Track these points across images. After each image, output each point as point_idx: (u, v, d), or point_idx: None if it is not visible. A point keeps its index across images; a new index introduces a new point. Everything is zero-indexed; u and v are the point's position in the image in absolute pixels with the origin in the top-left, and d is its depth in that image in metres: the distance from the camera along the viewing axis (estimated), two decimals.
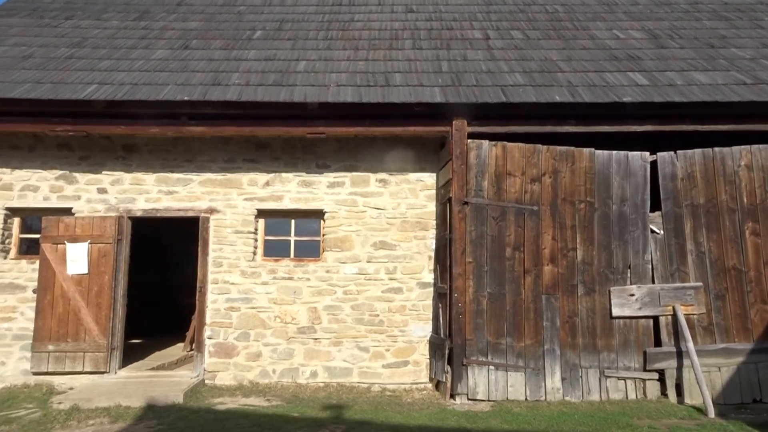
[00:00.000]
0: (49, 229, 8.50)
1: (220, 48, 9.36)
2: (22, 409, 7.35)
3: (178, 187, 8.86)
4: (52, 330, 8.37)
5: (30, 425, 6.71)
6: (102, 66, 8.65)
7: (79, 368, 8.35)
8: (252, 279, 8.72)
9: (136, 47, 9.28)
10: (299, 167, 8.95)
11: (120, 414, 7.00)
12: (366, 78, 8.47)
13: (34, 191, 8.78)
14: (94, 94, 7.91)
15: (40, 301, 8.42)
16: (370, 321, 8.66)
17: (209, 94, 8.00)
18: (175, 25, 10.15)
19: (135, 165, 8.85)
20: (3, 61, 8.63)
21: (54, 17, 10.21)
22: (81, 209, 8.75)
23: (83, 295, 8.44)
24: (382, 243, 8.82)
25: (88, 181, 8.81)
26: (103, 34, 9.70)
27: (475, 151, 8.09)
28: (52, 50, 9.06)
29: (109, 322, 8.45)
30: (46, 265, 8.47)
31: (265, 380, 8.47)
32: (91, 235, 8.51)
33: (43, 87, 8.04)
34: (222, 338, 8.58)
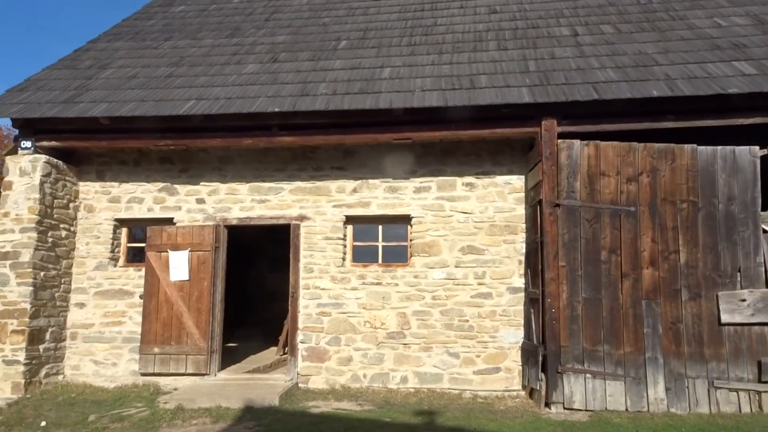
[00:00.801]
0: (153, 238, 9.03)
1: (307, 59, 9.60)
2: (132, 407, 7.80)
3: (270, 195, 9.16)
4: (157, 333, 8.86)
5: (140, 423, 7.12)
6: (198, 82, 9.10)
7: (182, 370, 8.78)
8: (342, 284, 8.86)
9: (229, 63, 9.69)
10: (386, 173, 9.01)
11: (220, 415, 7.28)
12: (451, 81, 8.42)
13: (140, 203, 9.35)
14: (192, 109, 8.34)
15: (146, 306, 8.94)
16: (460, 326, 8.56)
17: (298, 105, 8.23)
18: (264, 39, 10.53)
19: (230, 175, 9.24)
20: (111, 82, 9.27)
21: (154, 39, 10.87)
22: (181, 219, 9.23)
23: (185, 301, 8.89)
24: (470, 247, 8.71)
25: (188, 192, 9.28)
26: (199, 52, 10.21)
27: (566, 151, 7.83)
28: (154, 70, 9.64)
29: (209, 326, 8.84)
30: (151, 272, 8.99)
31: (356, 385, 8.56)
32: (191, 243, 8.96)
33: (146, 104, 8.57)
34: (314, 343, 8.76)
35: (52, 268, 8.82)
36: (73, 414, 7.51)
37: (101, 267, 9.25)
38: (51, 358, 8.79)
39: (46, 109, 8.63)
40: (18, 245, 8.44)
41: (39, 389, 8.47)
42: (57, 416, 7.42)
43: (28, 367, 8.31)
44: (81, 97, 8.88)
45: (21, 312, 8.32)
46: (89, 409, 7.71)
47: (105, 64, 9.91)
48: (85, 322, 9.14)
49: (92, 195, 9.41)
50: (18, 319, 8.31)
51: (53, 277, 8.84)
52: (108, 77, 9.47)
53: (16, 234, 8.46)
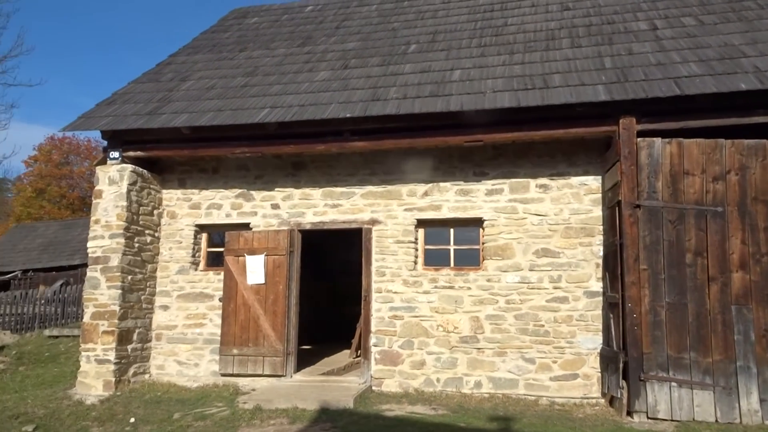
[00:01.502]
0: (231, 242, 9.34)
1: (377, 65, 9.69)
2: (213, 407, 8.08)
3: (342, 200, 9.28)
4: (236, 335, 9.15)
5: (221, 422, 7.36)
6: (272, 91, 9.36)
7: (260, 371, 9.03)
8: (414, 288, 8.86)
9: (302, 71, 9.92)
10: (457, 176, 8.95)
11: (297, 416, 7.43)
12: (523, 81, 8.27)
13: (218, 209, 9.70)
14: (267, 117, 8.58)
15: (225, 309, 9.26)
16: (535, 331, 8.38)
17: (369, 110, 8.31)
18: (335, 47, 10.71)
19: (303, 181, 9.44)
20: (191, 93, 9.68)
21: (230, 51, 11.27)
22: (257, 224, 9.50)
23: (261, 304, 9.14)
24: (545, 250, 8.52)
25: (263, 198, 9.55)
26: (272, 61, 10.50)
27: (646, 150, 7.53)
28: (230, 80, 9.99)
29: (284, 328, 9.05)
30: (230, 276, 9.29)
31: (430, 389, 8.53)
32: (266, 247, 9.20)
33: (224, 114, 8.89)
34: (387, 346, 8.80)
35: (139, 272, 9.28)
36: (159, 411, 7.85)
37: (183, 271, 9.66)
38: (138, 357, 9.24)
39: (132, 121, 9.11)
40: (108, 250, 8.94)
41: (128, 387, 8.92)
42: (144, 413, 7.79)
43: (117, 366, 8.77)
44: (163, 108, 9.32)
45: (111, 314, 8.80)
46: (174, 407, 8.05)
47: (185, 77, 10.35)
48: (169, 324, 9.56)
49: (174, 202, 9.84)
50: (108, 321, 8.80)
51: (139, 281, 9.30)
52: (188, 89, 9.89)
53: (105, 240, 8.97)
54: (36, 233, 33.40)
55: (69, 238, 31.74)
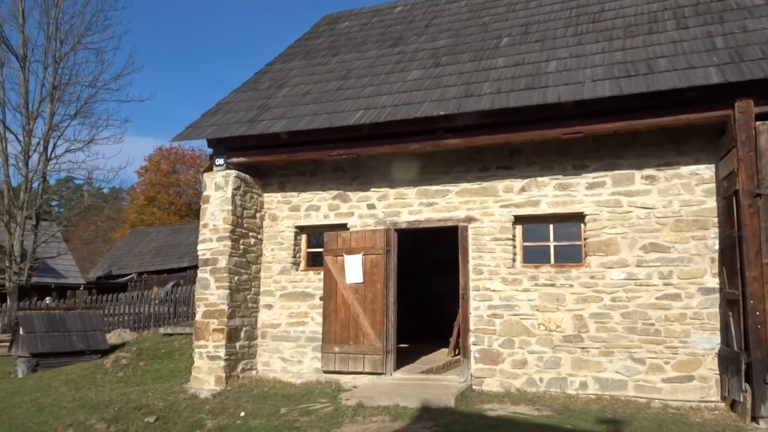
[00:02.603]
0: (330, 243, 9.56)
1: (468, 60, 9.58)
2: (317, 403, 8.30)
3: (437, 198, 9.26)
4: (337, 333, 9.36)
5: (325, 418, 7.55)
6: (366, 93, 9.49)
7: (360, 369, 9.18)
8: (513, 286, 8.68)
9: (393, 71, 9.99)
10: (555, 170, 8.68)
11: (398, 413, 7.48)
12: (625, 68, 7.89)
13: (316, 210, 9.97)
14: (362, 119, 8.71)
15: (325, 308, 9.49)
16: (644, 330, 7.96)
17: (463, 107, 8.24)
18: (425, 45, 10.71)
19: (398, 180, 9.50)
20: (288, 99, 10.01)
21: (323, 56, 11.55)
22: (354, 224, 9.67)
23: (360, 302, 9.29)
24: (653, 245, 8.07)
25: (359, 198, 9.71)
26: (364, 64, 10.66)
27: (766, 134, 6.96)
28: (325, 84, 10.24)
29: (383, 327, 9.15)
30: (329, 276, 9.52)
31: (532, 389, 8.32)
32: (364, 247, 9.35)
33: (320, 118, 9.12)
34: (486, 345, 8.68)
35: (244, 273, 9.71)
36: (267, 406, 8.17)
37: (285, 271, 10.00)
38: (245, 354, 9.67)
39: (235, 128, 9.54)
40: (216, 252, 9.42)
41: (237, 383, 9.35)
42: (253, 408, 8.13)
43: (227, 362, 9.22)
44: (263, 115, 9.70)
45: (220, 312, 9.27)
46: (280, 402, 8.34)
47: (282, 84, 10.72)
48: (273, 322, 9.93)
49: (275, 205, 10.21)
50: (218, 319, 9.27)
51: (245, 281, 9.73)
52: (285, 95, 10.24)
53: (213, 242, 9.45)
54: (149, 238, 35.80)
55: (178, 242, 33.77)
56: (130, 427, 7.68)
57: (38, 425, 8.05)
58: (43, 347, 12.69)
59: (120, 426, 7.75)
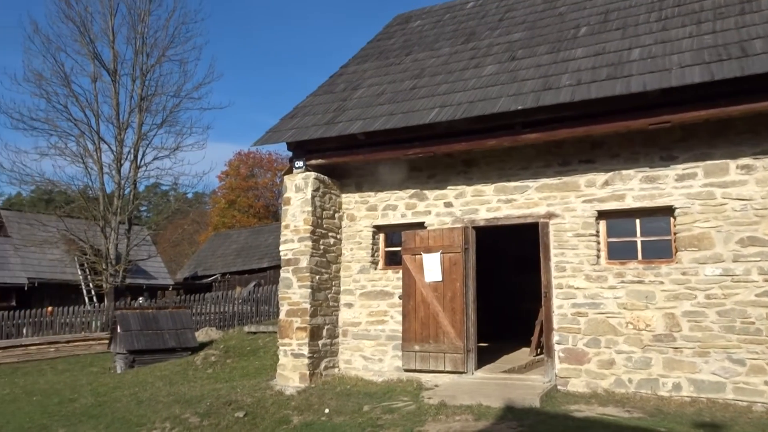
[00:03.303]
0: (408, 242, 9.59)
1: (546, 53, 9.36)
2: (399, 401, 8.35)
3: (516, 194, 9.10)
4: (416, 332, 9.37)
5: (408, 416, 7.58)
6: (440, 90, 9.46)
7: (441, 368, 9.15)
8: (597, 283, 8.40)
9: (468, 68, 9.90)
10: (640, 162, 8.34)
11: (482, 413, 7.40)
12: (716, 52, 7.47)
13: (393, 210, 10.02)
14: (437, 117, 8.69)
15: (404, 306, 9.53)
16: (743, 329, 7.50)
17: (541, 100, 8.06)
18: (499, 40, 10.54)
19: (475, 178, 9.41)
20: (363, 101, 10.12)
21: (396, 56, 11.59)
22: (431, 222, 9.66)
23: (439, 301, 9.27)
24: (751, 239, 7.60)
25: (436, 197, 9.68)
26: (438, 61, 10.62)
27: None
28: (399, 84, 10.28)
29: (463, 325, 9.09)
30: (408, 274, 9.55)
31: (621, 390, 8.02)
32: (441, 245, 9.32)
33: (395, 117, 9.16)
34: (571, 344, 8.45)
35: (325, 272, 9.90)
36: (350, 404, 8.29)
37: (364, 270, 10.12)
38: (328, 352, 9.86)
39: (313, 131, 9.75)
40: (297, 252, 9.66)
41: (320, 380, 9.54)
42: (336, 405, 8.28)
43: (311, 360, 9.43)
44: (339, 117, 9.86)
45: (303, 311, 9.49)
46: (362, 400, 8.45)
47: (356, 85, 10.85)
48: (354, 321, 10.07)
49: (353, 205, 10.36)
50: (301, 318, 9.50)
51: (326, 280, 9.92)
52: (360, 96, 10.36)
53: (295, 243, 9.69)
54: (230, 240, 37.19)
55: (258, 243, 34.90)
56: (222, 422, 8.00)
57: (138, 418, 8.53)
58: (138, 344, 13.42)
59: (212, 420, 8.08)
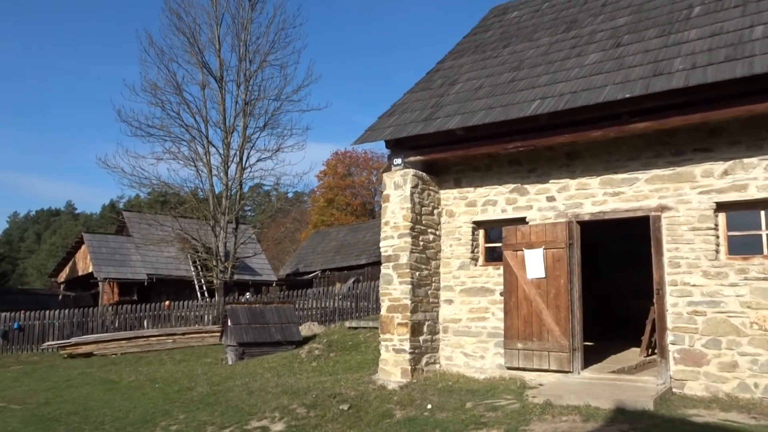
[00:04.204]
0: (509, 237, 9.42)
1: (654, 37, 8.86)
2: (502, 399, 8.23)
3: (623, 187, 8.69)
4: (519, 329, 9.19)
5: (512, 414, 7.45)
6: (541, 82, 9.20)
7: (545, 366, 8.92)
8: (716, 280, 7.85)
9: (569, 57, 9.56)
10: (765, 149, 7.70)
11: (590, 414, 7.14)
12: None
13: (493, 205, 9.88)
14: (538, 109, 8.46)
15: (506, 303, 9.37)
16: None
17: (651, 87, 7.64)
18: (602, 26, 10.10)
19: (578, 171, 9.08)
20: (461, 96, 10.04)
21: (493, 48, 11.40)
22: (533, 218, 9.42)
23: (543, 298, 9.03)
24: None
25: (537, 191, 9.44)
26: (537, 52, 10.33)
27: None
28: (497, 77, 10.11)
29: (568, 323, 8.80)
30: (509, 271, 9.38)
31: (745, 395, 7.45)
32: (544, 241, 9.07)
33: (494, 111, 9.02)
34: (687, 344, 7.95)
35: (424, 269, 9.93)
36: (452, 400, 8.27)
37: (464, 266, 10.05)
38: (428, 348, 9.89)
39: (411, 128, 9.80)
40: (397, 249, 9.75)
41: (422, 376, 9.59)
42: (439, 401, 8.28)
43: (412, 355, 9.50)
44: (437, 113, 9.84)
45: (403, 307, 9.58)
46: (465, 397, 8.40)
47: (454, 80, 10.79)
48: (454, 317, 10.03)
49: (451, 201, 10.31)
50: (401, 314, 9.59)
51: (425, 277, 9.95)
52: (457, 91, 10.28)
53: (395, 239, 9.79)
54: (329, 237, 38.22)
55: (355, 240, 35.63)
56: (327, 413, 8.24)
57: (249, 407, 8.96)
58: (247, 337, 14.10)
59: (318, 412, 8.35)
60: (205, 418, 8.70)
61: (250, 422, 8.35)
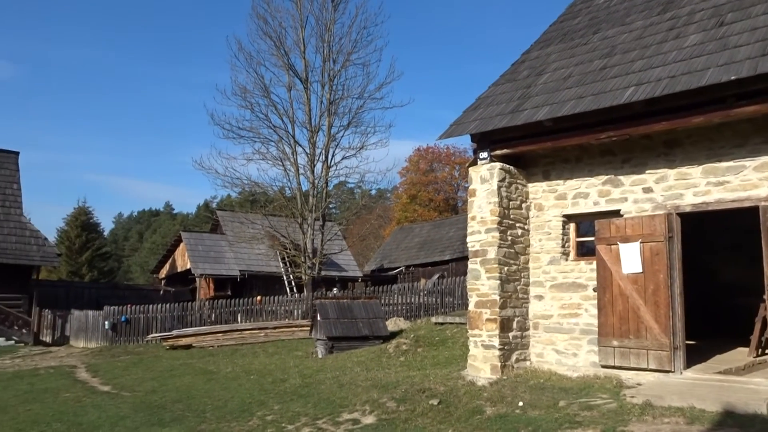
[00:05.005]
0: (602, 231, 9.07)
1: (762, 13, 8.22)
2: (597, 398, 7.94)
3: (729, 176, 8.15)
4: (614, 326, 8.83)
5: (608, 414, 7.18)
6: (635, 68, 8.78)
7: (643, 365, 8.53)
8: None
9: (666, 40, 9.07)
10: None
11: (695, 416, 6.76)
12: None
13: (584, 198, 9.54)
14: (633, 96, 8.09)
15: (600, 299, 9.03)
16: None
17: (761, 67, 7.12)
18: (702, 5, 9.48)
19: (678, 160, 8.60)
20: (549, 86, 9.76)
21: (582, 35, 10.99)
22: (628, 210, 9.02)
23: (640, 294, 8.63)
24: None
25: (633, 182, 9.02)
26: (630, 37, 9.86)
27: None
28: (587, 65, 9.74)
29: (669, 320, 8.37)
30: (602, 265, 9.03)
31: None
32: (641, 234, 8.66)
33: (585, 100, 8.70)
34: None
35: (513, 264, 9.75)
36: (544, 398, 8.07)
37: (554, 261, 9.78)
38: (518, 345, 9.70)
39: (497, 121, 9.63)
40: (484, 244, 9.63)
41: (512, 372, 9.42)
42: (530, 398, 8.11)
43: (501, 351, 9.35)
44: (524, 104, 9.61)
45: (492, 303, 9.45)
46: (557, 395, 8.18)
47: (540, 71, 10.50)
48: (544, 313, 9.78)
49: (540, 194, 10.05)
50: (490, 309, 9.46)
51: (514, 272, 9.76)
52: (545, 82, 10.00)
53: (482, 234, 9.67)
54: (413, 233, 38.34)
55: (439, 236, 35.54)
56: (417, 408, 8.27)
57: (340, 399, 9.15)
58: (336, 332, 14.40)
59: (408, 406, 8.39)
60: (298, 409, 8.97)
61: (341, 414, 8.52)
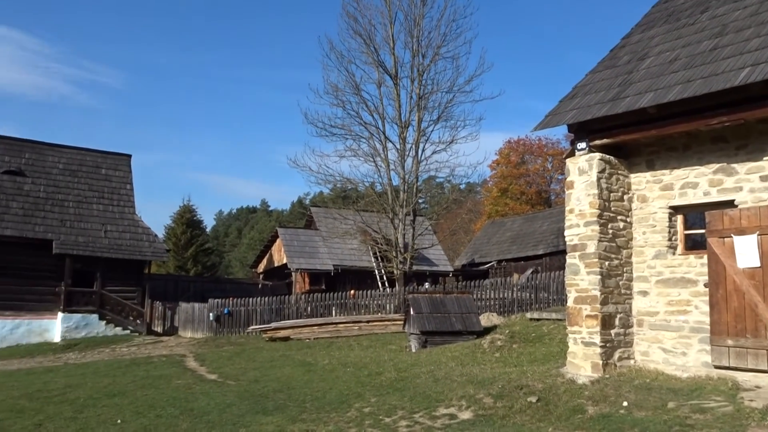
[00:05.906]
0: (714, 223, 8.50)
1: None
2: (710, 400, 7.47)
3: None
4: (729, 324, 8.26)
5: (724, 418, 6.75)
6: (750, 47, 8.15)
7: (762, 367, 7.92)
8: None
9: None
10: None
11: None
12: None
13: (693, 188, 8.98)
14: (749, 78, 7.52)
15: (712, 295, 8.48)
16: None
17: None
18: None
19: None
20: (652, 71, 9.25)
21: (689, 15, 10.32)
22: (743, 200, 8.40)
23: (758, 290, 8.02)
24: None
25: (748, 170, 8.39)
26: (744, 14, 9.15)
27: None
28: (695, 47, 9.15)
29: None
30: (715, 259, 8.47)
31: None
32: (758, 226, 8.04)
33: (693, 84, 8.19)
34: None
35: (614, 258, 9.34)
36: (651, 399, 7.70)
37: (660, 255, 9.28)
38: (621, 342, 9.29)
39: (596, 110, 9.26)
40: (583, 238, 9.29)
41: (614, 371, 9.05)
42: (636, 398, 7.75)
43: (603, 349, 9.00)
44: (625, 92, 9.17)
45: (592, 298, 9.11)
46: (665, 396, 7.77)
47: (643, 55, 9.97)
48: (650, 310, 9.31)
49: (644, 185, 9.56)
50: (590, 305, 9.13)
51: (616, 267, 9.35)
52: (648, 66, 9.49)
53: (581, 228, 9.34)
54: (504, 227, 37.70)
55: (532, 230, 34.73)
56: (515, 405, 8.13)
57: (436, 394, 9.16)
58: (429, 326, 14.42)
59: (505, 402, 8.27)
60: (395, 402, 9.07)
61: (438, 409, 8.53)
